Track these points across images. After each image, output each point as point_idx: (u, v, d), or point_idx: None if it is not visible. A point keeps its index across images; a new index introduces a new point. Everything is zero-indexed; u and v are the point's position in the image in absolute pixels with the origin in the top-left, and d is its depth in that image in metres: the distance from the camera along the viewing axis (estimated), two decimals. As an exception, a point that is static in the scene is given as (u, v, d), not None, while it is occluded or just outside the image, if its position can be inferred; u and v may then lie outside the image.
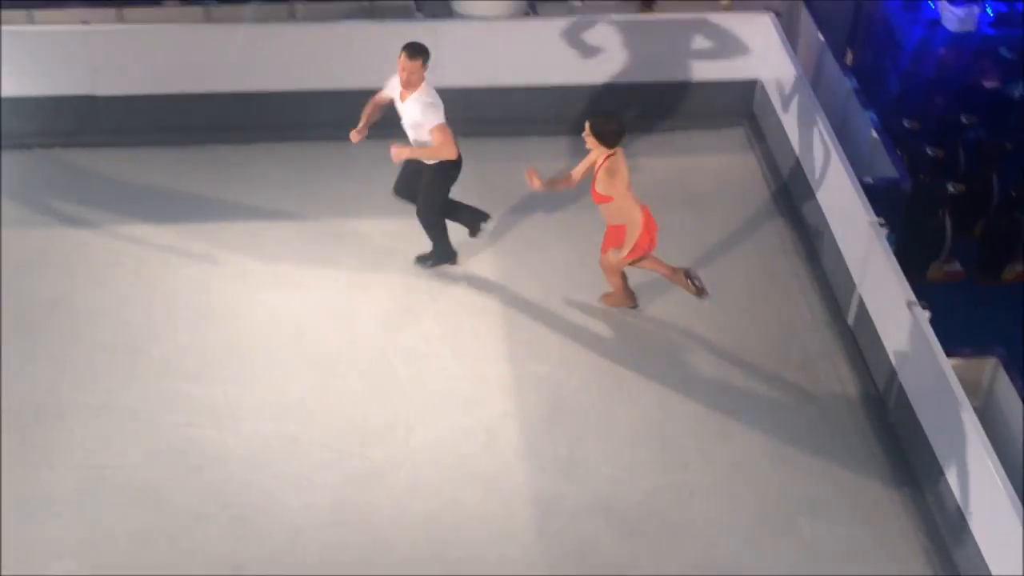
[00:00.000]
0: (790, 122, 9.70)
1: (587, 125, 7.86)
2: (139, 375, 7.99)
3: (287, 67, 9.79)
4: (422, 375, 8.10)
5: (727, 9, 10.23)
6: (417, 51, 7.98)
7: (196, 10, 10.15)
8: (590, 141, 7.88)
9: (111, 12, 9.97)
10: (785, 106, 9.80)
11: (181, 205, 9.36)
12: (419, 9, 10.12)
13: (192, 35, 9.86)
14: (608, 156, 7.87)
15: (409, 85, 8.10)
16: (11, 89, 9.61)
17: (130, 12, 9.99)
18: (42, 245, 8.95)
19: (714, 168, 10.08)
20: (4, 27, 9.59)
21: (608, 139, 7.84)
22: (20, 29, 9.71)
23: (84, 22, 9.77)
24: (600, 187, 7.93)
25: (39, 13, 9.93)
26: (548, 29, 9.93)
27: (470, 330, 8.44)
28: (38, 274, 8.70)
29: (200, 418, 7.73)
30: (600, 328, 8.52)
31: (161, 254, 8.92)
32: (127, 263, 8.82)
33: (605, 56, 10.04)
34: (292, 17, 10.09)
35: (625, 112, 10.08)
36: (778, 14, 10.09)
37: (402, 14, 10.16)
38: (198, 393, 7.88)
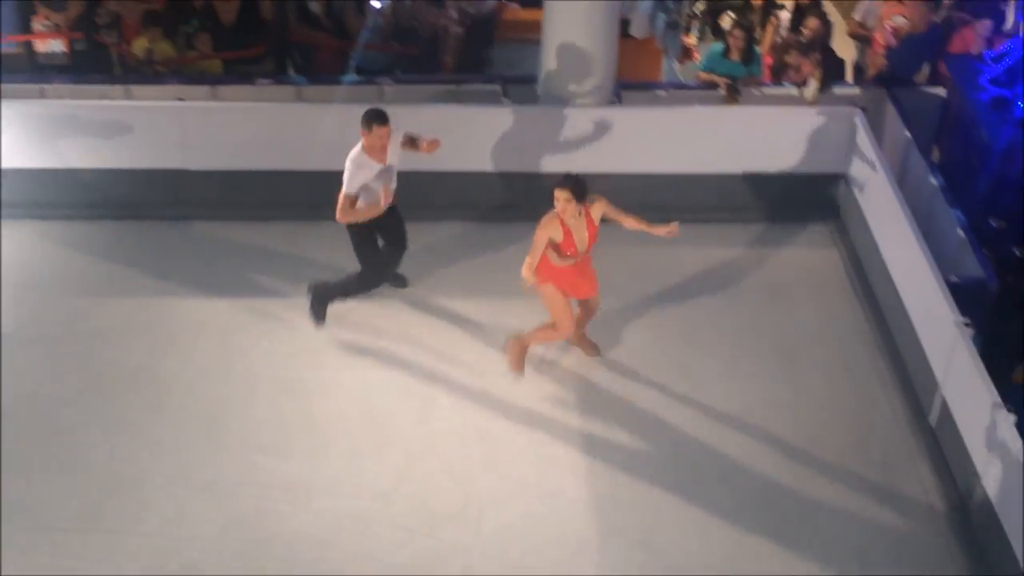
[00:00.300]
0: (875, 218, 9.64)
1: (568, 192, 7.83)
2: (216, 447, 8.06)
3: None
4: (496, 458, 8.08)
5: (813, 103, 10.22)
6: (386, 115, 8.32)
7: (288, 89, 10.34)
8: (571, 207, 7.87)
9: (205, 89, 10.22)
10: (870, 202, 9.74)
11: (265, 279, 9.49)
12: (505, 94, 10.24)
13: (283, 113, 10.05)
14: (587, 205, 7.99)
15: (385, 147, 8.40)
16: (108, 161, 9.89)
17: (224, 90, 10.23)
18: (128, 313, 9.12)
19: (796, 261, 10.02)
20: (103, 102, 9.91)
21: (585, 194, 7.94)
22: (119, 104, 10.00)
23: (179, 99, 10.02)
24: (597, 223, 8.08)
25: (136, 89, 10.21)
26: (633, 117, 10.01)
27: (545, 415, 8.41)
28: (122, 342, 8.85)
29: (274, 492, 7.76)
30: (677, 416, 8.45)
31: (243, 327, 9.04)
32: (209, 335, 8.96)
33: (689, 146, 10.07)
34: (381, 98, 10.24)
35: (705, 202, 10.16)
36: (864, 109, 10.07)
37: (489, 98, 10.29)
38: (273, 467, 7.92)
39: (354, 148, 8.41)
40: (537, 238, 8.03)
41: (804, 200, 10.37)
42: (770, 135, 10.12)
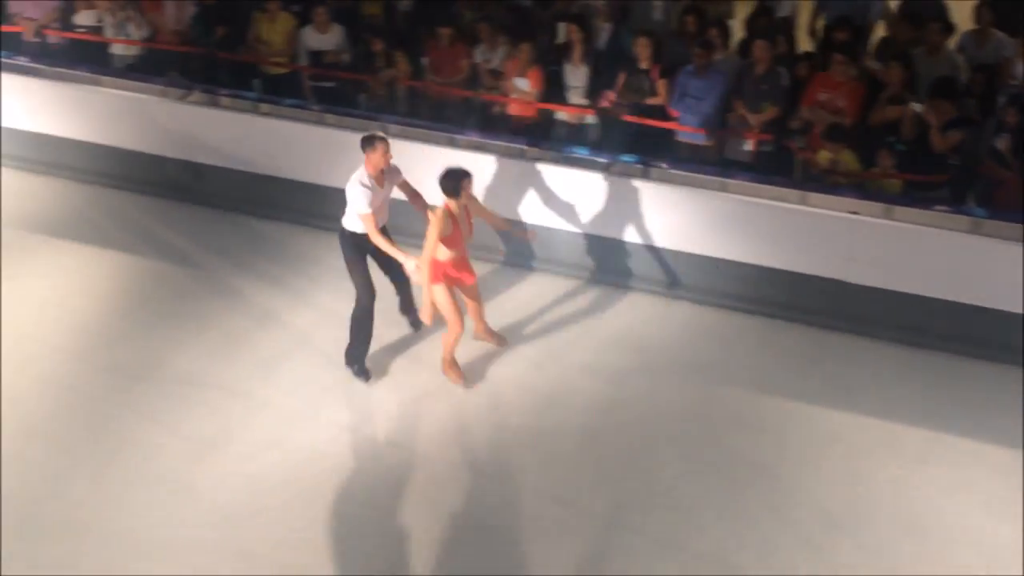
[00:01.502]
0: None
1: (471, 183, 8.76)
2: (816, 561, 7.94)
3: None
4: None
5: None
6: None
7: (963, 218, 10.00)
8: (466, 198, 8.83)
9: (880, 207, 10.15)
10: None
11: (897, 405, 9.33)
12: None
13: (959, 243, 9.85)
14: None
15: (388, 165, 8.84)
16: (757, 258, 10.40)
17: (899, 210, 10.12)
18: (759, 410, 9.31)
19: None
20: (776, 203, 10.25)
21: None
22: (794, 207, 10.27)
23: (853, 212, 10.08)
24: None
25: (812, 196, 10.34)
26: None
27: None
28: (750, 436, 9.01)
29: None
30: None
31: (871, 448, 8.89)
32: (837, 448, 8.90)
33: None
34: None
35: None
36: None
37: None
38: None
39: (356, 173, 8.79)
40: (432, 234, 8.63)
41: None
42: None
